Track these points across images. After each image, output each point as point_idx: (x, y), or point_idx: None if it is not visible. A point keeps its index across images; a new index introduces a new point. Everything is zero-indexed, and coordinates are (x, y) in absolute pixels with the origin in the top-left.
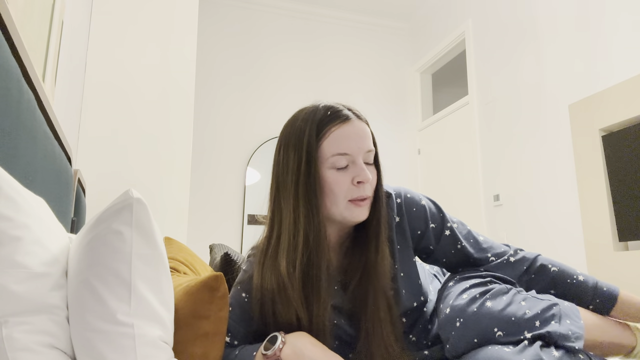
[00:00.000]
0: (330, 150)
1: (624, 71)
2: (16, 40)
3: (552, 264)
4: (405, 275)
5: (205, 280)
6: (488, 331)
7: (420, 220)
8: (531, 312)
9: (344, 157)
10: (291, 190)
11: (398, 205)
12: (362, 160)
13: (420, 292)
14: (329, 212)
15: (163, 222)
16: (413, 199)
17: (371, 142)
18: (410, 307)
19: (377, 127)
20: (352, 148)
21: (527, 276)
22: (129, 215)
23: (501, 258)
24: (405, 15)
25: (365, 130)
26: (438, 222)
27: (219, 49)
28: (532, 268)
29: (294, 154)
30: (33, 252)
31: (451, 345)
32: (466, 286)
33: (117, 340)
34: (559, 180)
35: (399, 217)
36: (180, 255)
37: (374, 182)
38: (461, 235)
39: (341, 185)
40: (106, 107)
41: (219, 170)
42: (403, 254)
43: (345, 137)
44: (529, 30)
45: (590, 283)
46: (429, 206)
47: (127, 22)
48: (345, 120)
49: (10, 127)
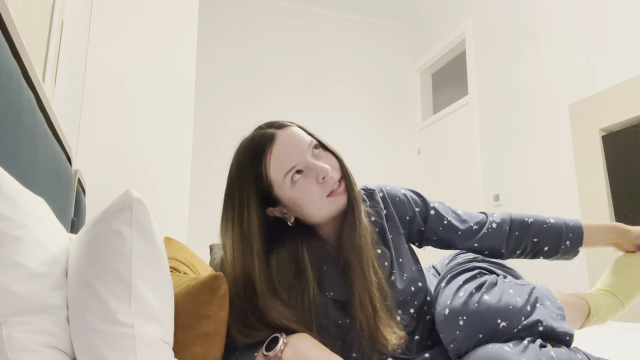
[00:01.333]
0: (280, 174)
1: (624, 71)
2: (16, 40)
3: (526, 217)
4: (403, 261)
5: (205, 281)
6: (492, 324)
7: (405, 206)
8: (521, 299)
9: (293, 170)
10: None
11: (382, 198)
12: (311, 159)
13: (418, 278)
14: (314, 219)
15: (163, 222)
16: (393, 190)
17: (305, 137)
18: (409, 292)
19: (377, 127)
20: (295, 158)
21: (512, 234)
22: (129, 215)
23: (485, 226)
24: (405, 15)
25: (293, 134)
26: (421, 206)
27: (219, 49)
28: (514, 226)
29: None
30: (33, 252)
31: (456, 344)
32: (459, 284)
33: (117, 340)
34: (559, 180)
35: (385, 208)
36: (181, 255)
37: (334, 164)
38: (444, 212)
39: (312, 190)
40: (106, 107)
41: (219, 170)
42: (396, 241)
43: (283, 153)
44: (529, 30)
45: (560, 221)
46: (409, 194)
47: (127, 22)
48: (272, 139)
49: (10, 127)
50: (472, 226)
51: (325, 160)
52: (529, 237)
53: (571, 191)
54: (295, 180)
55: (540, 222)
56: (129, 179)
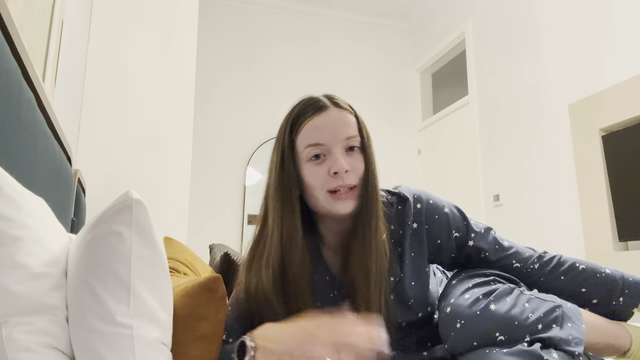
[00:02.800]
0: (304, 143)
1: (624, 71)
2: (16, 40)
3: (578, 262)
4: (416, 285)
5: (203, 282)
6: (489, 335)
7: (442, 229)
8: (534, 315)
9: (317, 147)
10: (271, 189)
11: (417, 211)
12: (340, 149)
13: (428, 303)
14: (315, 206)
15: (163, 222)
16: (436, 205)
17: (352, 128)
18: (415, 318)
19: (377, 127)
20: (324, 138)
21: (556, 278)
22: (129, 216)
23: (527, 265)
24: (405, 15)
25: (343, 117)
26: (462, 232)
27: (219, 49)
28: (560, 269)
29: (275, 152)
30: (33, 253)
31: (450, 344)
32: (469, 285)
33: (116, 341)
34: (559, 180)
35: (417, 223)
36: (181, 256)
37: (359, 170)
38: (486, 244)
39: (317, 178)
40: (106, 107)
41: (219, 170)
42: (415, 262)
43: (318, 127)
44: (529, 30)
45: (618, 275)
46: (452, 214)
47: (127, 21)
48: (319, 110)
49: (10, 127)
50: (513, 264)
51: (351, 162)
52: (577, 285)
53: (571, 191)
54: (311, 158)
55: (595, 270)
56: (128, 179)
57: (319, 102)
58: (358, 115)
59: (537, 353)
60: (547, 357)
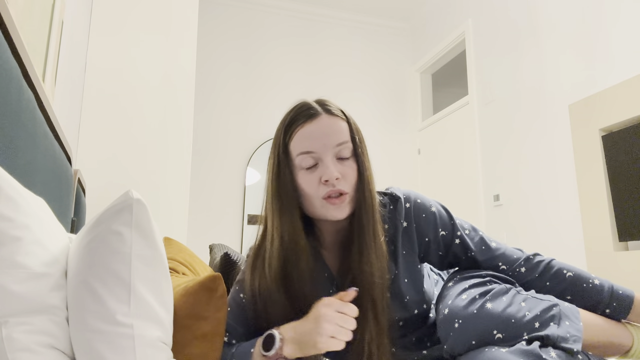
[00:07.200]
0: (296, 150)
1: (624, 71)
2: (16, 40)
3: (567, 269)
4: (410, 282)
5: (203, 281)
6: (487, 333)
7: (429, 227)
8: (531, 313)
9: (308, 155)
10: (269, 195)
11: (407, 210)
12: (330, 157)
13: (423, 300)
14: (311, 212)
15: (163, 222)
16: (423, 204)
17: (344, 135)
18: (411, 315)
19: (377, 127)
20: (315, 145)
21: (541, 283)
22: (129, 216)
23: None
24: (405, 15)
25: (334, 125)
26: (449, 230)
27: (219, 49)
28: (547, 274)
29: (271, 158)
30: (33, 253)
31: (449, 345)
32: (465, 286)
33: (116, 340)
34: (559, 180)
35: (406, 222)
36: (180, 256)
37: (351, 177)
38: (472, 243)
39: (311, 186)
40: (106, 107)
41: (219, 170)
42: (408, 259)
43: (309, 135)
44: (529, 30)
45: (606, 286)
46: (439, 213)
47: (127, 21)
48: (310, 117)
49: (10, 127)
50: (500, 266)
51: (342, 169)
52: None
53: (571, 191)
54: (303, 166)
55: (582, 279)
56: (128, 179)
57: (310, 109)
58: (350, 120)
59: (536, 352)
60: (545, 356)
